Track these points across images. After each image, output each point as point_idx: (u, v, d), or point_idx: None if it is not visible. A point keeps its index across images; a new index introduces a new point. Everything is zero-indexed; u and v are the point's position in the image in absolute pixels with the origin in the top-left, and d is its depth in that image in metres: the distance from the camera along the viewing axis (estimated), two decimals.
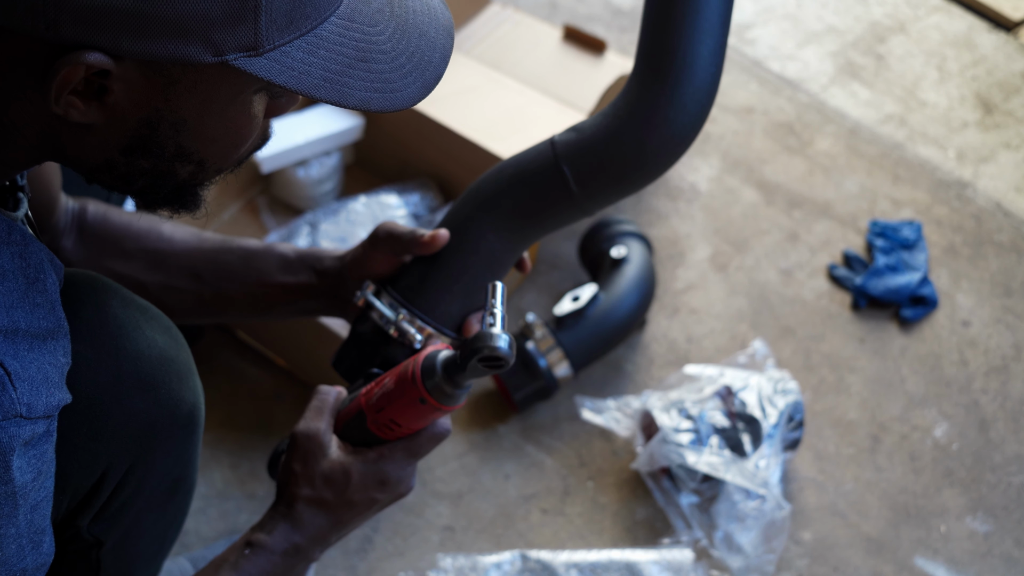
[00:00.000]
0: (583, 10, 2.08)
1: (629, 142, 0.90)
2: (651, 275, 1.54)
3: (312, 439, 0.87)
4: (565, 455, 1.43)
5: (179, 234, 1.05)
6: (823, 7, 2.16)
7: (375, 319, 0.95)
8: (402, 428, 0.86)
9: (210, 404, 1.43)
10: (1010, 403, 1.54)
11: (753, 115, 1.91)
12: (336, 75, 0.65)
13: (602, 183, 0.92)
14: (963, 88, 2.00)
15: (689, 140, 0.92)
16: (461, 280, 0.95)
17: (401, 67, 0.68)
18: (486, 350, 0.76)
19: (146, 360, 0.83)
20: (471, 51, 1.77)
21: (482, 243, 0.95)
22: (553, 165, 0.92)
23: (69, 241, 1.01)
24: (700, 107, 0.90)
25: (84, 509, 0.87)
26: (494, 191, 0.96)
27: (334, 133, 1.59)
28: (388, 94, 0.67)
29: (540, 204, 0.94)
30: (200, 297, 1.04)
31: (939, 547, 1.38)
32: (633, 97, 0.90)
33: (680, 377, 1.45)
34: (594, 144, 0.91)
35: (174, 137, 0.67)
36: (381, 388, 0.86)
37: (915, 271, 1.66)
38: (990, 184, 1.83)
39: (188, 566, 1.21)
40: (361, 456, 0.87)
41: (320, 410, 0.88)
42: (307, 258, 1.04)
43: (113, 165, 0.69)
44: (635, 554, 1.31)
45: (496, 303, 0.80)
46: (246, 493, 1.35)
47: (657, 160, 0.92)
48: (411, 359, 0.84)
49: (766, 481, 1.31)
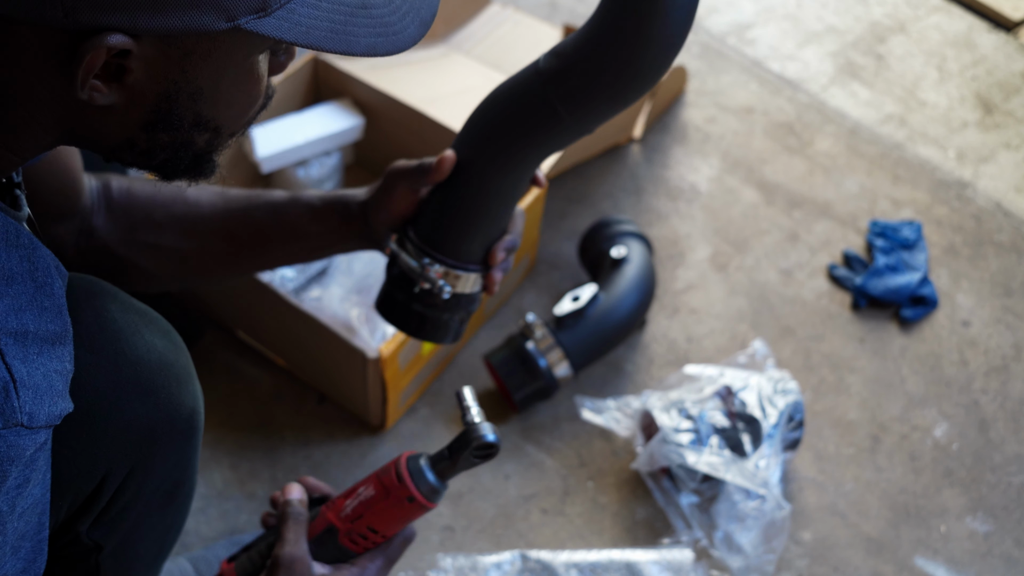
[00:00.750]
0: (583, 10, 2.08)
1: (614, 58, 0.87)
2: (651, 275, 1.54)
3: (299, 562, 0.87)
4: (565, 455, 1.43)
5: (204, 196, 1.05)
6: (823, 7, 2.16)
7: (404, 269, 0.98)
8: (378, 535, 0.88)
9: (210, 404, 1.43)
10: (1010, 403, 1.54)
11: (753, 115, 1.91)
12: (341, 24, 0.66)
13: (592, 104, 0.91)
14: (963, 88, 2.00)
15: (676, 48, 0.89)
16: (476, 218, 0.97)
17: (398, 8, 0.69)
18: (476, 442, 0.84)
19: (145, 365, 0.83)
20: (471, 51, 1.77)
21: (486, 179, 0.96)
22: (540, 95, 0.91)
23: (100, 220, 1.01)
24: (683, 12, 0.87)
25: (83, 514, 0.87)
26: (486, 126, 0.96)
27: (334, 133, 1.59)
28: (391, 37, 0.68)
29: (533, 132, 0.94)
30: (237, 255, 1.06)
31: (939, 547, 1.38)
32: (615, 7, 0.87)
33: (680, 377, 1.45)
34: (578, 66, 0.89)
35: (192, 107, 0.68)
36: (354, 499, 0.88)
37: (915, 271, 1.66)
38: (990, 184, 1.83)
39: (188, 566, 1.21)
40: (345, 572, 0.89)
41: (299, 532, 0.89)
42: (334, 204, 1.06)
43: (134, 143, 0.70)
44: (635, 554, 1.31)
45: (469, 402, 0.88)
46: (246, 493, 1.35)
47: (645, 74, 0.89)
48: (389, 464, 0.88)
49: (766, 481, 1.31)
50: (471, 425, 0.85)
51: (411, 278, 0.98)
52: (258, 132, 1.55)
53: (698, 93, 1.95)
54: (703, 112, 1.91)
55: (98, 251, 1.01)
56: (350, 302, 1.45)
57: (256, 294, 1.35)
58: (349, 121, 1.61)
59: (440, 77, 1.69)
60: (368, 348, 1.29)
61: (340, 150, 1.64)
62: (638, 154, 1.82)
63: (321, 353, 1.36)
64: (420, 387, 1.45)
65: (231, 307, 1.46)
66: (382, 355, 1.28)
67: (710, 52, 2.03)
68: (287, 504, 0.91)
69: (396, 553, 0.92)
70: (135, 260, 1.02)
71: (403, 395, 1.40)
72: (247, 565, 0.94)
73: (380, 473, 0.88)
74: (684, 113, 1.90)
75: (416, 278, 0.96)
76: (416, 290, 0.98)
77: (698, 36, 2.07)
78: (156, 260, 1.04)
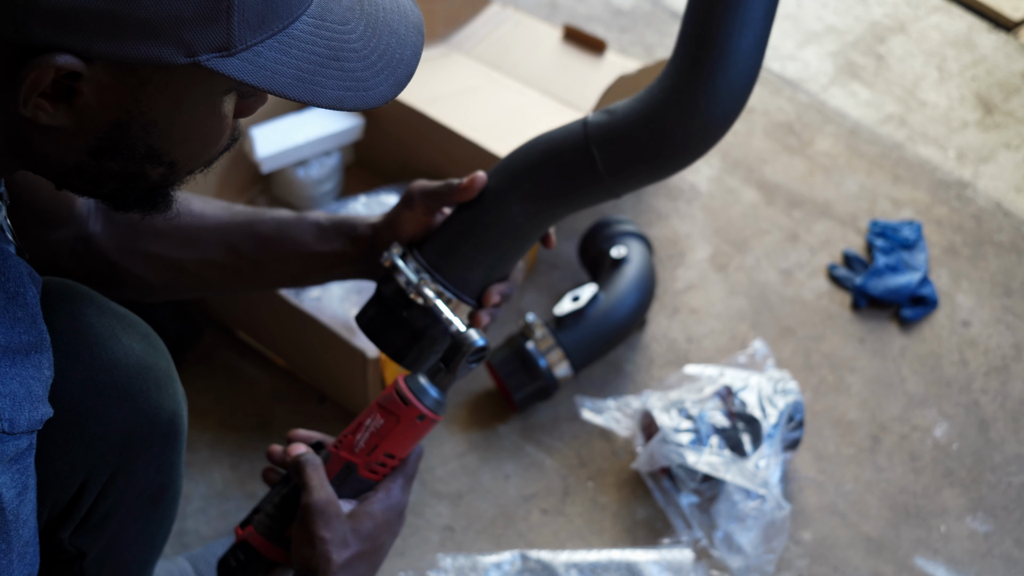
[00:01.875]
0: (583, 10, 2.08)
1: (661, 128, 0.89)
2: (651, 275, 1.54)
3: (330, 504, 0.87)
4: (565, 455, 1.43)
5: (210, 209, 1.04)
6: (823, 7, 2.16)
7: (399, 282, 0.96)
8: (394, 459, 0.90)
9: (210, 404, 1.43)
10: (1010, 403, 1.54)
11: (753, 115, 1.91)
12: (308, 74, 0.64)
13: (631, 167, 0.91)
14: (963, 88, 2.00)
15: (723, 131, 0.91)
16: (486, 250, 0.95)
17: (373, 65, 0.67)
18: (468, 348, 0.87)
19: (123, 368, 0.82)
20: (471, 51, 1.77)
21: (508, 216, 0.95)
22: (583, 146, 0.92)
23: (97, 226, 1.00)
24: (736, 99, 0.89)
25: (65, 520, 0.86)
26: (523, 166, 0.95)
27: (334, 133, 1.59)
28: (360, 92, 0.67)
29: (568, 184, 0.93)
30: (237, 269, 1.04)
31: (939, 547, 1.38)
32: (669, 83, 0.89)
33: (680, 377, 1.45)
34: (626, 128, 0.90)
35: (144, 139, 0.66)
36: (364, 432, 0.89)
37: (915, 271, 1.66)
38: (990, 184, 1.83)
39: (188, 566, 1.21)
40: (373, 500, 0.89)
41: (321, 477, 0.89)
42: (341, 226, 1.03)
43: (82, 168, 0.68)
44: (635, 554, 1.31)
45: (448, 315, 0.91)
46: (246, 493, 1.35)
47: (688, 148, 0.91)
48: (388, 391, 0.89)
49: (766, 481, 1.31)
50: (460, 334, 0.88)
51: (404, 294, 0.96)
52: (258, 132, 1.55)
53: None
54: None
55: (95, 257, 1.00)
56: (350, 302, 1.45)
57: (256, 294, 1.35)
58: (349, 121, 1.61)
59: (440, 77, 1.69)
60: (368, 348, 1.29)
61: (340, 150, 1.64)
62: None
63: (321, 353, 1.36)
64: None
65: (231, 307, 1.46)
66: (382, 355, 1.28)
67: None
68: (299, 455, 0.90)
69: (413, 469, 0.93)
70: (132, 268, 1.01)
71: None
72: (267, 522, 0.93)
73: (382, 401, 0.89)
74: None
75: (410, 292, 0.95)
76: (404, 313, 0.96)
77: None
78: (153, 269, 1.02)
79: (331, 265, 1.04)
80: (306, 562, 0.87)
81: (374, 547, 0.89)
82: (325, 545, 0.86)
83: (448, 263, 0.95)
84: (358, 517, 0.88)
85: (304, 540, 0.87)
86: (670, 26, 2.08)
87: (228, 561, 0.95)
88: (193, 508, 1.33)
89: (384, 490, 0.90)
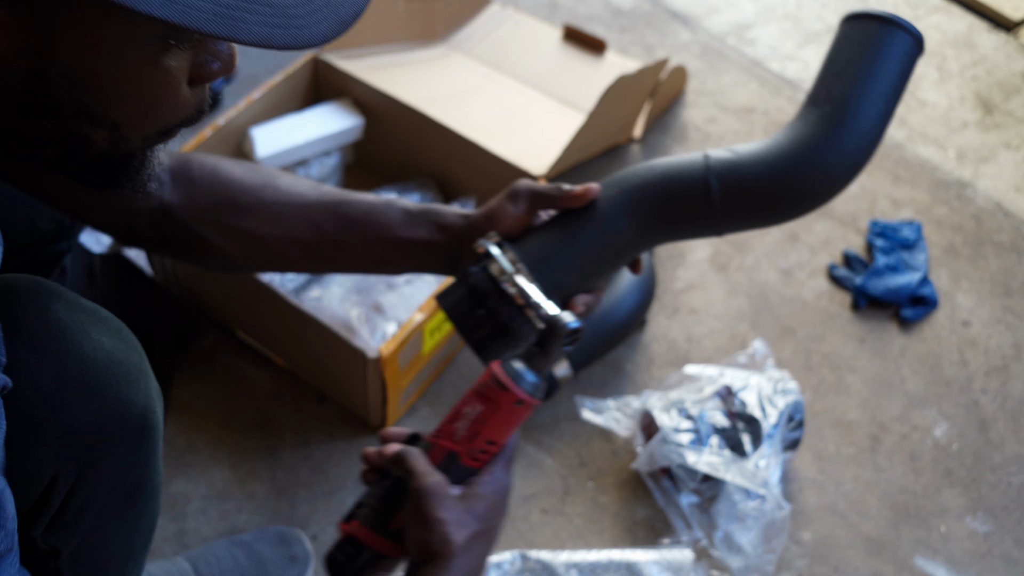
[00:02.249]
0: (583, 10, 2.08)
1: (784, 177, 0.93)
2: (651, 275, 1.54)
3: (441, 486, 0.86)
4: (565, 455, 1.43)
5: (297, 187, 1.03)
6: (823, 7, 2.16)
7: (491, 269, 0.96)
8: (495, 445, 0.90)
9: (210, 404, 1.43)
10: (1010, 403, 1.54)
11: (753, 115, 1.91)
12: (228, 8, 0.60)
13: (745, 207, 0.94)
14: (963, 88, 2.00)
15: (839, 189, 0.95)
16: (583, 259, 0.96)
17: (309, 2, 0.63)
18: (562, 331, 0.86)
19: (91, 363, 0.80)
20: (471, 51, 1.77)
21: (614, 231, 0.96)
22: (702, 175, 0.94)
23: (176, 196, 0.98)
24: (856, 162, 0.93)
25: (36, 518, 0.84)
26: (638, 185, 0.97)
27: (334, 133, 1.59)
28: (292, 30, 0.62)
29: (679, 211, 0.95)
30: (320, 249, 1.02)
31: (939, 547, 1.38)
32: (797, 136, 0.93)
33: (680, 377, 1.45)
34: (746, 167, 0.94)
35: (70, 91, 0.64)
36: (463, 420, 0.89)
37: (915, 271, 1.66)
38: (990, 184, 1.83)
39: (188, 566, 1.21)
40: (480, 482, 0.89)
41: (426, 463, 0.88)
42: (429, 213, 1.02)
43: (15, 128, 0.66)
44: (635, 554, 1.31)
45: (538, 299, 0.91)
46: (246, 493, 1.35)
47: (804, 201, 0.95)
48: (484, 378, 0.89)
49: (766, 481, 1.31)
50: (553, 317, 0.88)
51: (495, 281, 0.96)
52: (258, 132, 1.55)
53: (698, 93, 1.94)
54: (703, 112, 1.91)
55: (174, 226, 0.99)
56: (350, 302, 1.45)
57: (256, 294, 1.35)
58: (349, 121, 1.61)
59: (440, 77, 1.69)
60: (368, 348, 1.29)
61: (340, 150, 1.64)
62: (638, 154, 1.82)
63: (321, 353, 1.36)
64: (420, 387, 1.45)
65: (231, 307, 1.46)
66: (382, 355, 1.28)
67: (710, 52, 2.03)
68: (398, 449, 0.90)
69: (512, 452, 0.92)
70: (214, 240, 1.00)
71: (403, 395, 1.40)
72: (372, 515, 0.93)
73: (478, 389, 0.89)
74: (684, 113, 1.90)
75: (503, 280, 0.95)
76: (491, 302, 0.95)
77: (698, 36, 2.07)
78: (235, 242, 1.01)
79: (413, 252, 1.03)
80: (424, 545, 0.85)
81: (488, 528, 0.87)
82: (444, 527, 0.84)
83: (544, 264, 0.96)
84: (470, 498, 0.87)
85: (420, 524, 0.85)
86: (670, 26, 2.08)
87: (335, 556, 0.94)
88: (193, 508, 1.33)
89: (489, 473, 0.89)
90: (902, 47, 0.92)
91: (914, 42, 0.92)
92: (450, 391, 1.47)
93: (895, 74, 0.92)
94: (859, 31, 0.93)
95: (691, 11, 2.12)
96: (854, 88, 0.92)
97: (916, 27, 0.93)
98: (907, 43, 0.92)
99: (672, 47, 2.04)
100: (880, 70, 0.92)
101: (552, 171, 1.54)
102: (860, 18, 0.94)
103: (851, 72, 0.93)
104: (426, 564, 0.84)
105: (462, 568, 0.84)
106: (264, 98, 1.57)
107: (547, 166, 1.50)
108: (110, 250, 1.51)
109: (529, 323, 0.94)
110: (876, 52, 0.92)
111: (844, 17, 0.95)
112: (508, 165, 1.49)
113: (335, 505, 1.34)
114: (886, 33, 0.92)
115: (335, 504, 1.34)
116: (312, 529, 1.32)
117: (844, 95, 0.92)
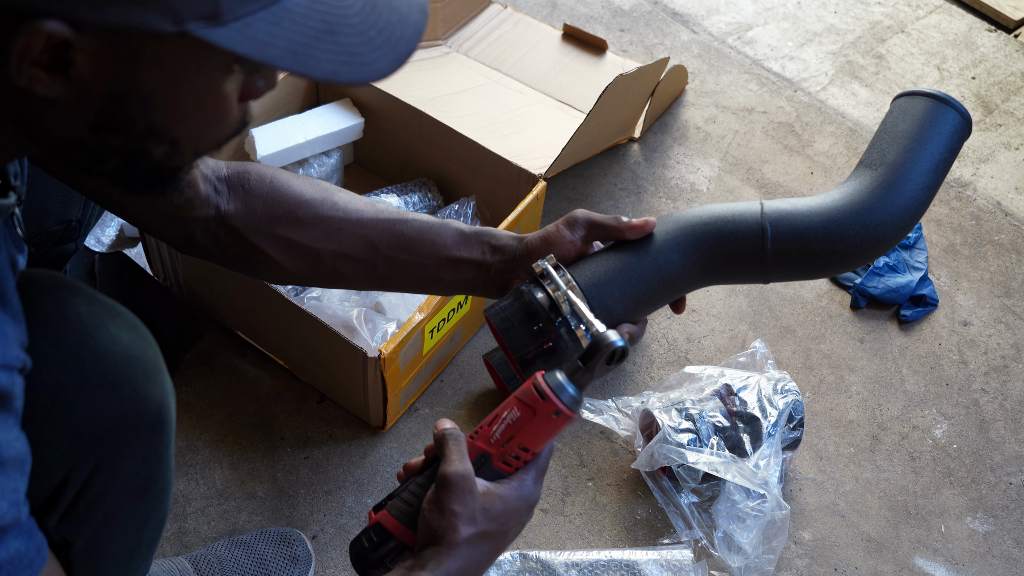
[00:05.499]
0: (583, 10, 2.08)
1: (833, 226, 0.98)
2: None
3: (467, 478, 0.87)
4: (565, 455, 1.43)
5: (354, 204, 1.04)
6: (823, 7, 2.16)
7: (546, 289, 0.98)
8: (528, 453, 0.92)
9: (210, 404, 1.43)
10: (1010, 403, 1.54)
11: (753, 115, 1.91)
12: (302, 47, 0.64)
13: (796, 256, 0.98)
14: (963, 88, 2.00)
15: (887, 248, 0.99)
16: (635, 290, 0.99)
17: (371, 40, 0.67)
18: (607, 349, 0.88)
19: (110, 357, 0.82)
20: (471, 51, 1.77)
21: (668, 266, 0.99)
22: (757, 220, 0.98)
23: (232, 206, 1.00)
24: (902, 223, 0.98)
25: (50, 509, 0.86)
26: (694, 223, 1.00)
27: (334, 133, 1.59)
28: (356, 67, 0.66)
29: (732, 249, 0.99)
30: (373, 266, 1.04)
31: (939, 547, 1.38)
32: (850, 191, 0.99)
33: (680, 377, 1.45)
34: (800, 216, 0.98)
35: (143, 113, 0.66)
36: (500, 424, 0.91)
37: (915, 271, 1.66)
38: (990, 184, 1.83)
39: (188, 566, 1.21)
40: (506, 486, 0.90)
41: (462, 452, 0.89)
42: (482, 235, 1.04)
43: (83, 143, 0.68)
44: (635, 554, 1.31)
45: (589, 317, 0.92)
46: (246, 493, 1.35)
47: (854, 257, 0.99)
48: (527, 386, 0.91)
49: (766, 481, 1.31)
50: (600, 334, 0.89)
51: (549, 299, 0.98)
52: (258, 132, 1.55)
53: (698, 93, 1.95)
54: (703, 112, 1.91)
55: (230, 235, 1.00)
56: (350, 302, 1.45)
57: (256, 294, 1.35)
58: (349, 121, 1.61)
59: (440, 77, 1.69)
60: (368, 348, 1.29)
61: (340, 150, 1.64)
62: (638, 154, 1.82)
63: (321, 353, 1.36)
64: (420, 387, 1.45)
65: (231, 307, 1.46)
66: (382, 355, 1.28)
67: (710, 52, 2.03)
68: (445, 430, 0.90)
69: (545, 463, 0.93)
70: (269, 251, 1.01)
71: (403, 395, 1.40)
72: (402, 506, 0.94)
73: (520, 395, 0.91)
74: (684, 113, 1.90)
75: (557, 302, 0.97)
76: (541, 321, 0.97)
77: (698, 36, 2.07)
78: (290, 255, 1.02)
79: (464, 272, 1.04)
80: (432, 529, 0.87)
81: (500, 530, 0.89)
82: (454, 518, 0.86)
83: (596, 288, 0.98)
84: (490, 497, 0.88)
85: (435, 508, 0.87)
86: (670, 26, 2.08)
87: (361, 541, 0.95)
88: (193, 508, 1.33)
89: (517, 480, 0.90)
90: (953, 124, 0.99)
91: (964, 123, 0.99)
92: (450, 391, 1.47)
93: (945, 148, 0.99)
94: (915, 106, 1.00)
95: (691, 11, 2.12)
96: (908, 155, 0.98)
97: (965, 107, 1.02)
98: (958, 122, 0.99)
99: (672, 47, 2.04)
100: (932, 142, 0.99)
101: (552, 171, 1.54)
102: (917, 95, 1.00)
103: (906, 141, 0.99)
104: (429, 547, 0.86)
105: (461, 560, 0.86)
106: (264, 98, 1.57)
107: (546, 165, 1.50)
108: (110, 250, 1.51)
109: (576, 340, 0.95)
110: (930, 126, 0.99)
111: (900, 93, 1.02)
112: (508, 165, 1.49)
113: (335, 505, 1.34)
114: (940, 111, 0.99)
115: (335, 504, 1.34)
116: (312, 529, 1.32)
117: (898, 161, 0.98)
